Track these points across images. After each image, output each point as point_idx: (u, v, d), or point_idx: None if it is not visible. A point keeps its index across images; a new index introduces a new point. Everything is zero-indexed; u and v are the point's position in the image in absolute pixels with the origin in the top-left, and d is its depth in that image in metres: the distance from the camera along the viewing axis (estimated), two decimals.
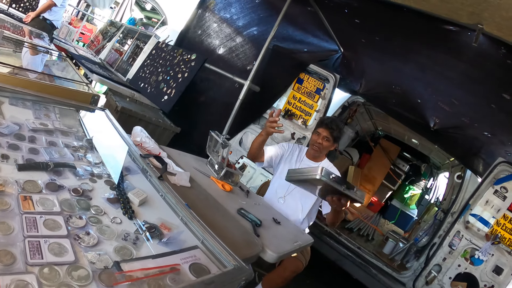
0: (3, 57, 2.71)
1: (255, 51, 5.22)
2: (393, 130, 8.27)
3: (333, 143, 3.19)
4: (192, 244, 1.39)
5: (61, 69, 3.44)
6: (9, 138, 1.61)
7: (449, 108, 4.26)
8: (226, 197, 2.46)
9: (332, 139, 3.15)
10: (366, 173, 9.43)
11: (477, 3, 2.45)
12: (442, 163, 8.16)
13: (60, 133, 1.90)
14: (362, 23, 4.06)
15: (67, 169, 1.55)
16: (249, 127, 5.11)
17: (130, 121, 3.89)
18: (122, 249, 1.21)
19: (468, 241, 4.08)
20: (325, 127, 3.13)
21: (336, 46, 4.91)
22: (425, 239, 5.06)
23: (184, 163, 2.51)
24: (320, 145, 3.15)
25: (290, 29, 5.09)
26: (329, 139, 3.14)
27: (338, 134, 3.17)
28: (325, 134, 3.13)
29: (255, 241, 1.85)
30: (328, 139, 3.14)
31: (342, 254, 4.86)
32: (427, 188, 9.54)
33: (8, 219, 1.11)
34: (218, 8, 5.83)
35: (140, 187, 1.65)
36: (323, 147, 3.16)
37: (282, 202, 3.17)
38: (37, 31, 5.15)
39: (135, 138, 2.24)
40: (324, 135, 3.13)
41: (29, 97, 2.04)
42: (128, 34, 7.02)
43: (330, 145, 3.18)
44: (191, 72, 4.58)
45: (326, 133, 3.13)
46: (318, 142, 3.16)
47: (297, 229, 2.75)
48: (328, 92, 4.73)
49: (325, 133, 3.13)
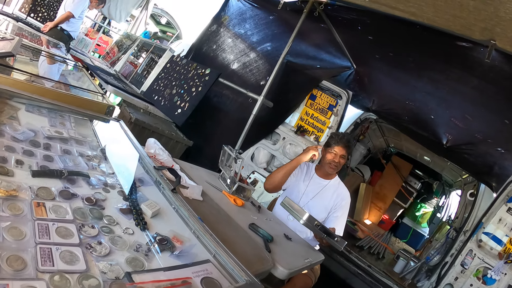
0: (20, 64, 2.75)
1: (268, 67, 5.26)
2: (405, 147, 8.21)
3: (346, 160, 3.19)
4: (204, 257, 1.37)
5: (76, 78, 3.49)
6: (25, 144, 1.62)
7: (462, 124, 4.23)
8: (237, 212, 2.45)
9: (347, 156, 3.15)
10: (378, 191, 9.33)
11: (489, 19, 2.46)
12: (454, 181, 8.06)
13: (74, 142, 1.91)
14: (375, 40, 4.07)
15: (80, 178, 1.55)
16: (261, 142, 5.10)
17: (143, 133, 3.91)
18: (134, 260, 1.20)
19: (480, 260, 3.98)
20: (343, 146, 3.09)
21: (348, 63, 4.92)
22: (436, 258, 4.98)
23: (197, 177, 2.51)
24: (338, 163, 3.11)
25: (303, 45, 5.12)
26: (345, 157, 3.13)
27: (351, 150, 3.16)
28: (343, 153, 3.10)
29: (266, 257, 1.82)
30: (344, 157, 3.12)
31: (352, 272, 4.78)
32: (439, 206, 9.43)
33: (20, 224, 1.10)
34: (233, 23, 5.91)
35: (153, 199, 1.64)
36: (340, 165, 3.13)
37: (291, 219, 3.12)
38: (55, 41, 5.25)
39: (149, 150, 2.25)
40: (341, 154, 3.10)
41: (45, 105, 2.07)
42: (143, 47, 7.11)
43: (345, 162, 3.16)
44: (205, 87, 4.61)
45: (344, 152, 3.10)
46: (335, 161, 3.10)
47: (308, 245, 2.71)
48: (341, 109, 4.72)
49: (343, 152, 3.10)
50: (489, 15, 2.41)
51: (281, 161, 4.91)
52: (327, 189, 3.19)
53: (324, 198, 3.15)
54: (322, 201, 3.13)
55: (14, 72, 2.36)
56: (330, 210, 3.13)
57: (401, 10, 3.12)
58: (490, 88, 3.45)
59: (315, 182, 3.23)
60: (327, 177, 3.25)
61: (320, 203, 3.13)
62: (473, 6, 2.42)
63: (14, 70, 2.38)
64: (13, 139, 1.60)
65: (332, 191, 3.18)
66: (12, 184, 1.26)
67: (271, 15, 5.36)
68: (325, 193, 3.18)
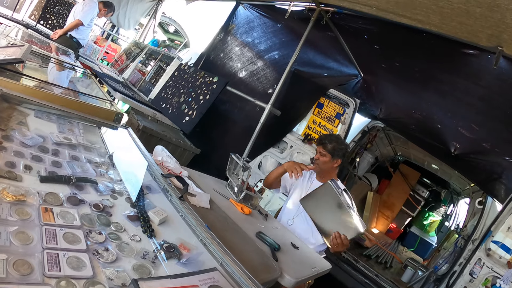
0: (30, 71, 2.79)
1: (276, 75, 5.26)
2: (413, 155, 8.15)
3: (333, 158, 3.12)
4: (211, 266, 1.36)
5: (85, 85, 3.52)
6: (33, 149, 1.63)
7: (469, 134, 4.18)
8: (245, 220, 2.44)
9: (327, 153, 3.10)
10: (385, 199, 9.27)
11: (496, 25, 2.45)
12: (462, 189, 7.98)
13: (83, 148, 1.92)
14: (381, 48, 4.07)
15: (88, 184, 1.55)
16: (268, 150, 5.09)
17: (151, 140, 3.91)
18: (141, 267, 1.19)
19: (489, 269, 3.92)
20: (318, 143, 3.16)
21: (356, 71, 4.90)
22: (445, 267, 4.92)
23: (204, 185, 2.50)
24: (317, 160, 3.13)
25: (310, 53, 5.11)
26: (324, 154, 3.10)
27: (334, 147, 3.11)
28: (319, 149, 3.13)
29: (273, 265, 1.81)
30: (323, 154, 3.11)
31: (359, 281, 4.74)
32: (447, 215, 9.32)
33: (28, 229, 1.10)
34: (241, 32, 5.93)
35: (160, 206, 1.64)
36: (321, 162, 3.12)
37: (291, 223, 3.13)
38: (64, 48, 5.31)
39: (157, 157, 2.25)
40: (319, 151, 3.13)
41: (54, 111, 2.08)
42: (151, 55, 7.16)
43: (329, 160, 3.12)
44: (212, 95, 4.61)
45: (320, 149, 3.13)
46: (315, 159, 3.15)
47: (315, 254, 2.69)
48: (348, 117, 4.70)
49: (319, 148, 3.13)
50: (496, 21, 2.40)
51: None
52: None
53: None
54: None
55: (24, 78, 2.39)
56: None
57: (408, 18, 3.12)
58: (497, 97, 3.42)
59: (315, 185, 3.19)
60: (322, 179, 3.24)
61: None
62: (479, 13, 2.41)
63: (24, 76, 2.41)
64: (22, 144, 1.61)
65: None
66: (20, 189, 1.27)
67: (279, 23, 5.38)
68: None
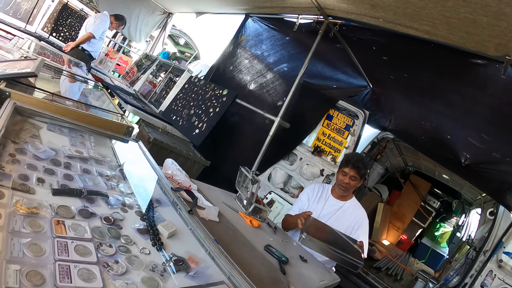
0: (42, 83, 2.85)
1: (285, 87, 5.29)
2: (423, 165, 8.08)
3: (360, 181, 3.12)
4: (218, 279, 1.37)
5: (96, 98, 3.58)
6: (46, 162, 1.67)
7: (479, 144, 4.14)
8: (253, 233, 2.44)
9: (359, 177, 3.08)
10: (396, 211, 9.18)
11: (504, 34, 2.46)
12: (474, 199, 7.88)
13: (94, 161, 1.95)
14: (389, 60, 4.08)
15: (99, 197, 1.58)
16: (278, 162, 5.08)
17: (161, 152, 3.94)
18: (150, 280, 1.21)
19: (501, 281, 3.87)
20: (352, 166, 3.06)
21: (365, 82, 4.91)
22: (456, 279, 4.84)
23: (213, 197, 2.52)
24: (347, 185, 3.08)
25: (319, 65, 5.14)
26: (356, 178, 3.08)
27: (364, 171, 3.11)
28: (352, 173, 3.06)
29: (281, 279, 1.81)
30: (355, 178, 3.07)
31: None
32: (458, 225, 9.17)
33: (40, 241, 1.13)
34: (250, 44, 5.99)
35: (169, 220, 1.66)
36: (351, 186, 3.09)
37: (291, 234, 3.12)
38: (76, 61, 5.40)
39: (167, 171, 2.28)
40: (351, 175, 3.07)
41: (66, 124, 2.13)
42: (162, 67, 7.24)
43: (357, 183, 3.11)
44: (222, 107, 4.64)
45: (353, 173, 3.06)
46: (345, 182, 3.08)
47: (323, 267, 2.66)
48: (358, 129, 4.69)
49: (352, 172, 3.06)
50: (503, 30, 2.41)
51: (298, 181, 4.87)
52: (344, 210, 3.15)
53: (341, 220, 3.09)
54: (339, 224, 3.02)
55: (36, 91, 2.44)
56: (350, 232, 3.02)
57: (415, 29, 3.14)
58: (506, 106, 3.40)
59: (331, 204, 3.20)
60: (343, 198, 3.22)
61: (337, 226, 2.96)
62: (486, 22, 2.41)
63: (37, 90, 2.46)
64: (35, 157, 1.65)
65: (350, 213, 3.13)
66: (33, 201, 1.29)
67: (287, 36, 5.43)
68: (342, 215, 3.13)
